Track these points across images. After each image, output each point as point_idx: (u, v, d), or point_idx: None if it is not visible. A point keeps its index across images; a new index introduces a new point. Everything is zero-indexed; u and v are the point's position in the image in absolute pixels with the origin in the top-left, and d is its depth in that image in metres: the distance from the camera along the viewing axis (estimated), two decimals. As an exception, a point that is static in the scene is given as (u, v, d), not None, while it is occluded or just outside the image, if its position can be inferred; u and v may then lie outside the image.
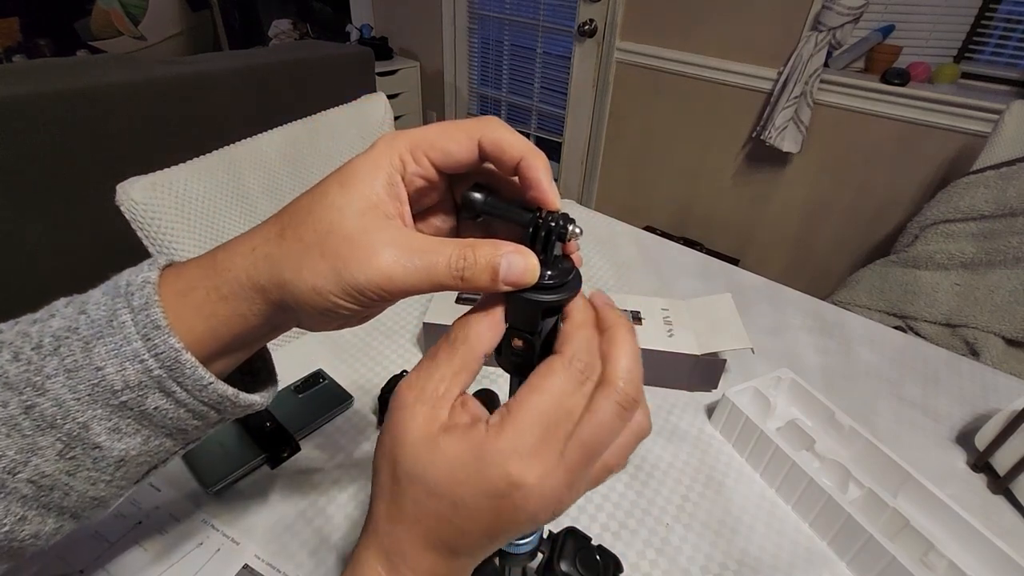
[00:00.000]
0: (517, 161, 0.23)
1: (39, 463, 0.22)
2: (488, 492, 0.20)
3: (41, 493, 0.22)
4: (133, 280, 0.23)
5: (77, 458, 0.22)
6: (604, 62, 2.12)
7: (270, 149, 0.83)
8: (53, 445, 0.22)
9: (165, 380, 0.22)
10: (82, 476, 0.23)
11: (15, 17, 2.05)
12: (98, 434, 0.22)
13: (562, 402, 0.21)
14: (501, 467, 0.20)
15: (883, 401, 0.62)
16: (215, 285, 0.23)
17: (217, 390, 0.24)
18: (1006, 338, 1.16)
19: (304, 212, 0.23)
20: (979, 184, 1.19)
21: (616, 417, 0.21)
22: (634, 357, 0.22)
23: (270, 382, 0.29)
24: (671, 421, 0.56)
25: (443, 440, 0.21)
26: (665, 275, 0.83)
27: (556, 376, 0.21)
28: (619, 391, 0.21)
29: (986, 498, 0.51)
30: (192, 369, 0.22)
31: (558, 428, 0.21)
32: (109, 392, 0.22)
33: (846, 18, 1.51)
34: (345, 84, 1.72)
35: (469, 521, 0.21)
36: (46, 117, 1.16)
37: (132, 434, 0.23)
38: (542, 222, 0.23)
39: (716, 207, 2.06)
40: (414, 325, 0.67)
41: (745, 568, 0.43)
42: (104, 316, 0.22)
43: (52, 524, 0.24)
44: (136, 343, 0.21)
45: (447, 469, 0.21)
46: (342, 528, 0.44)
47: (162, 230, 0.67)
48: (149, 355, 0.22)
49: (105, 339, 0.21)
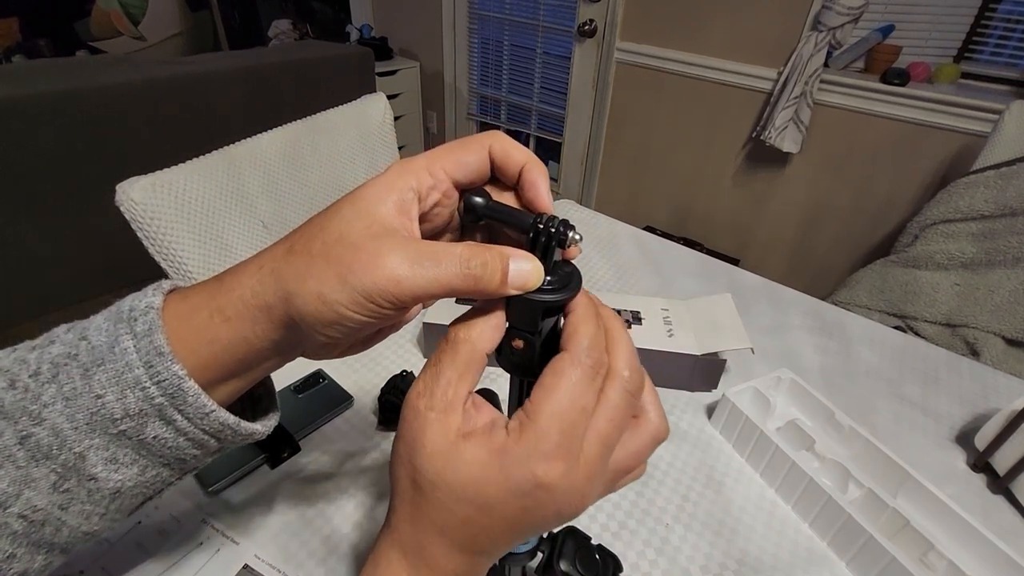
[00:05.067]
0: (521, 166, 0.25)
1: (31, 496, 0.21)
2: (515, 492, 0.21)
3: (32, 529, 0.22)
4: (136, 305, 0.22)
5: (71, 491, 0.22)
6: (604, 62, 2.12)
7: (270, 149, 0.83)
8: (47, 477, 0.21)
9: (166, 408, 0.22)
10: (75, 510, 0.22)
11: (15, 17, 2.05)
12: (94, 464, 0.22)
13: (576, 400, 0.21)
14: (526, 469, 0.21)
15: (883, 401, 0.62)
16: (219, 306, 0.22)
17: (219, 418, 0.23)
18: (1006, 338, 1.16)
19: (316, 228, 0.22)
20: (979, 184, 1.19)
21: (627, 406, 0.22)
22: (631, 345, 0.24)
23: (272, 409, 0.29)
24: (671, 421, 0.56)
25: (464, 447, 0.21)
26: (665, 275, 0.83)
27: (568, 376, 0.22)
28: (626, 380, 0.22)
29: (986, 498, 0.51)
30: (195, 397, 0.22)
31: (576, 427, 0.21)
32: (108, 420, 0.21)
33: (846, 18, 1.51)
34: (345, 84, 1.73)
35: (496, 521, 0.22)
36: (46, 117, 1.16)
37: (129, 464, 0.22)
38: (542, 227, 0.23)
39: (716, 207, 2.06)
40: (414, 325, 0.67)
41: (745, 568, 0.43)
42: (105, 342, 0.21)
43: (41, 561, 0.23)
44: (138, 370, 0.21)
45: (472, 475, 0.21)
46: (342, 528, 0.44)
47: (162, 230, 0.67)
48: (151, 382, 0.21)
49: (106, 366, 0.21)
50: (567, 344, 0.23)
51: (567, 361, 0.22)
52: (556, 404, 0.21)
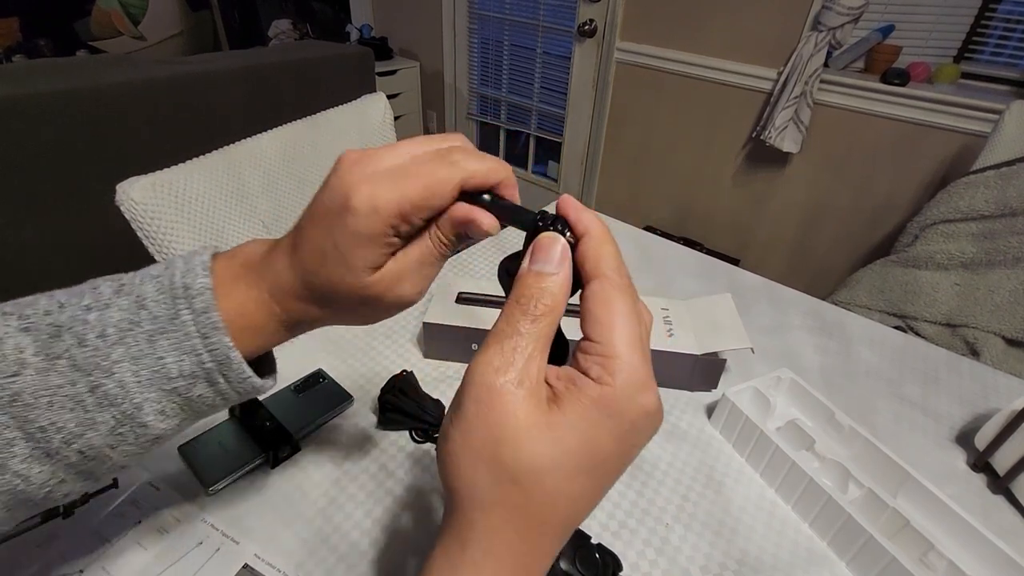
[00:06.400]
0: (492, 188, 0.26)
1: (92, 436, 0.24)
2: (628, 433, 0.21)
3: (84, 461, 0.25)
4: (191, 283, 0.25)
5: (124, 435, 0.25)
6: (604, 62, 2.12)
7: (270, 149, 0.83)
8: (107, 422, 0.24)
9: (214, 372, 0.25)
10: (121, 450, 0.25)
11: (15, 17, 2.05)
12: (148, 414, 0.25)
13: (635, 324, 0.22)
14: (635, 404, 0.20)
15: (883, 401, 0.62)
16: (271, 312, 0.27)
17: (252, 383, 0.26)
18: (1006, 338, 1.16)
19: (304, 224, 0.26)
20: (979, 184, 1.19)
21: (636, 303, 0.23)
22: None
23: (272, 367, 0.31)
24: (671, 421, 0.56)
25: (564, 413, 0.20)
26: (665, 275, 0.83)
27: (619, 303, 0.22)
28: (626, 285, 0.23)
29: (986, 498, 0.51)
30: (239, 364, 0.25)
31: (645, 347, 0.22)
32: (165, 378, 0.24)
33: (846, 18, 1.51)
34: (345, 84, 1.72)
35: (606, 477, 0.21)
36: (46, 117, 1.16)
37: (173, 416, 0.26)
38: (542, 225, 0.24)
39: (716, 207, 2.06)
40: (414, 325, 0.67)
41: (745, 568, 0.43)
42: (166, 314, 0.24)
43: (80, 486, 0.26)
44: (195, 340, 0.24)
45: (586, 437, 0.20)
46: (342, 527, 0.44)
47: (162, 230, 0.67)
48: (205, 351, 0.24)
49: (168, 334, 0.24)
50: (596, 269, 0.22)
51: (608, 288, 0.22)
52: (627, 333, 0.21)
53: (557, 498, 0.20)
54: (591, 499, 0.21)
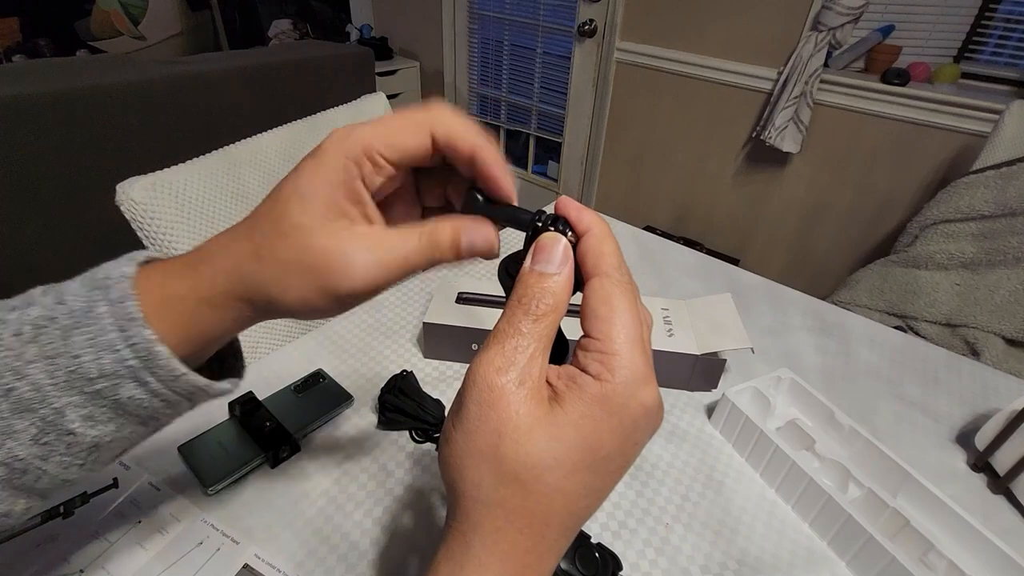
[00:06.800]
0: (469, 154, 0.24)
1: (13, 446, 0.22)
2: (629, 430, 0.21)
3: (14, 475, 0.23)
4: (111, 273, 0.23)
5: (51, 444, 0.23)
6: (604, 62, 2.12)
7: (270, 149, 0.83)
8: (27, 430, 0.22)
9: (139, 370, 0.22)
10: (55, 460, 0.23)
11: (15, 17, 2.05)
12: (72, 420, 0.22)
13: (635, 320, 0.22)
14: (635, 401, 0.20)
15: (883, 401, 0.62)
16: (205, 298, 0.24)
17: (190, 380, 0.24)
18: (1006, 338, 1.16)
19: (270, 227, 0.24)
20: (979, 184, 1.19)
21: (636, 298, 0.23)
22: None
23: (238, 366, 0.29)
24: (671, 421, 0.56)
25: (565, 411, 0.20)
26: (665, 275, 0.83)
27: (619, 300, 0.21)
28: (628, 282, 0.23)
29: (986, 498, 0.51)
30: (166, 360, 0.23)
31: (645, 342, 0.22)
32: (85, 380, 0.22)
33: (846, 18, 1.51)
34: (345, 84, 1.72)
35: (610, 475, 0.21)
36: (46, 117, 1.16)
37: (106, 422, 0.23)
38: (540, 225, 0.23)
39: (716, 207, 2.06)
40: (414, 325, 0.67)
41: (745, 568, 0.43)
42: (82, 307, 0.22)
43: (23, 504, 0.24)
44: (112, 334, 0.22)
45: (587, 432, 0.20)
46: (342, 527, 0.44)
47: (162, 230, 0.67)
48: (124, 345, 0.22)
49: (82, 328, 0.22)
50: (597, 267, 0.22)
51: (608, 285, 0.22)
52: (627, 330, 0.21)
53: (559, 495, 0.20)
54: (594, 496, 0.21)
